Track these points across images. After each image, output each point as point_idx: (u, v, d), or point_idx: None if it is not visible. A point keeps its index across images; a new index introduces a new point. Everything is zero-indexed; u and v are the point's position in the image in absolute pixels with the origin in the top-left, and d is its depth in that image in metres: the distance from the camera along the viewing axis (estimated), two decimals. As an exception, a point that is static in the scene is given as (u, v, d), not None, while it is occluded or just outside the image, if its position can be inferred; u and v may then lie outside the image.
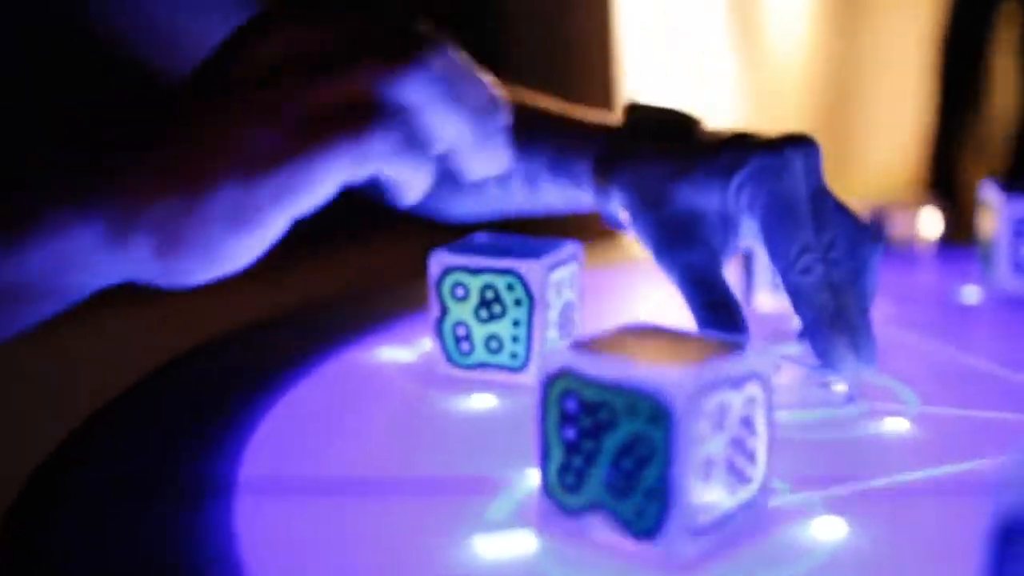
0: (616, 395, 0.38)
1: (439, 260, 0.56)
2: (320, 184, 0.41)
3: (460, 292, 0.56)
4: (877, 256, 0.55)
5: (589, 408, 0.38)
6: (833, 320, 0.51)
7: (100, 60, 0.64)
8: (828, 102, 2.29)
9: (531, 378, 0.55)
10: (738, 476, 0.39)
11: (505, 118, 0.47)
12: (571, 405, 0.39)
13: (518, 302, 0.56)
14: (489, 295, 0.56)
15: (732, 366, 0.38)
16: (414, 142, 0.43)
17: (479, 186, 0.65)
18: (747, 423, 0.39)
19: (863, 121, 2.33)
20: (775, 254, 0.52)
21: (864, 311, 0.53)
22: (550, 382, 0.39)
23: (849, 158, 2.34)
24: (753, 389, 0.39)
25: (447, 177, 0.66)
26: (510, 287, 0.55)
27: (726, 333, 0.52)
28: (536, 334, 0.56)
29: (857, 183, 2.32)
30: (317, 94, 0.41)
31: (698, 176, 0.54)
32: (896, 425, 0.51)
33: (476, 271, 0.56)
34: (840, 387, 0.53)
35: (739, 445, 0.39)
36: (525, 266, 0.55)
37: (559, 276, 0.57)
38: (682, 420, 0.36)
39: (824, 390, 0.53)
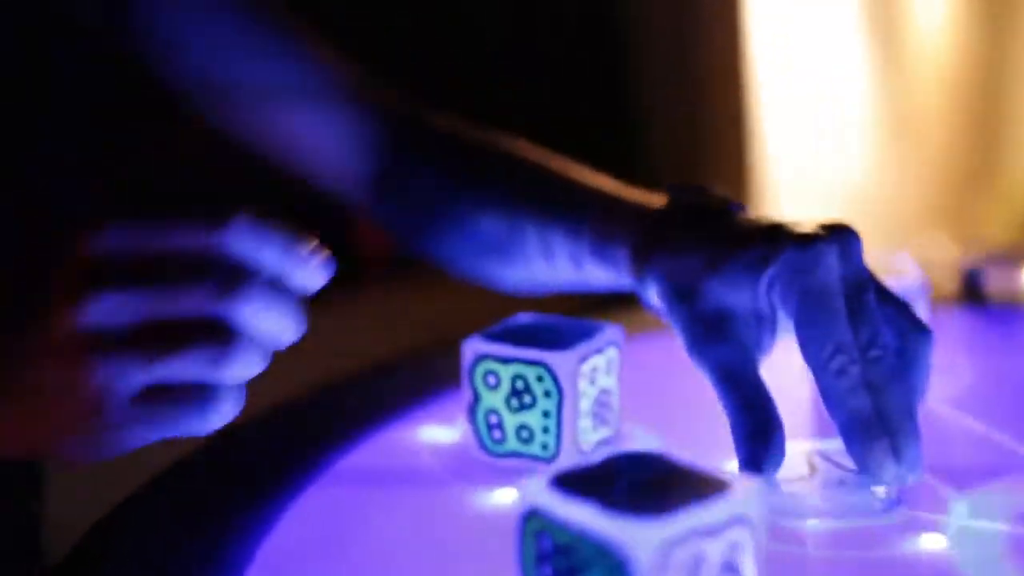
0: (584, 541, 0.36)
1: (472, 347, 0.56)
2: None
3: (492, 380, 0.56)
4: (927, 350, 0.52)
5: (562, 549, 0.37)
6: (869, 424, 0.49)
7: (101, 61, 0.65)
8: (972, 123, 2.18)
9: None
10: (720, 623, 0.38)
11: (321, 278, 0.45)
12: (546, 544, 0.38)
13: (547, 393, 0.55)
14: (519, 385, 0.55)
15: (710, 514, 0.37)
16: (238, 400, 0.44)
17: (528, 260, 0.64)
18: (730, 567, 0.38)
19: (1010, 143, 2.21)
20: (807, 354, 0.50)
21: (909, 412, 0.50)
22: (526, 519, 0.39)
23: (995, 180, 2.23)
24: (737, 534, 0.38)
25: (494, 248, 0.66)
26: (540, 378, 0.55)
27: (757, 433, 0.50)
28: (566, 425, 0.55)
29: (1004, 204, 2.20)
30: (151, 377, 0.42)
31: (728, 271, 0.52)
32: (932, 542, 0.48)
33: (507, 360, 0.55)
34: (879, 492, 0.50)
35: (721, 592, 0.38)
36: (554, 358, 0.54)
37: (593, 364, 0.56)
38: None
39: (861, 495, 0.50)
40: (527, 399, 0.55)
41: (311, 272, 0.44)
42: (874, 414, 0.49)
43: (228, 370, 0.43)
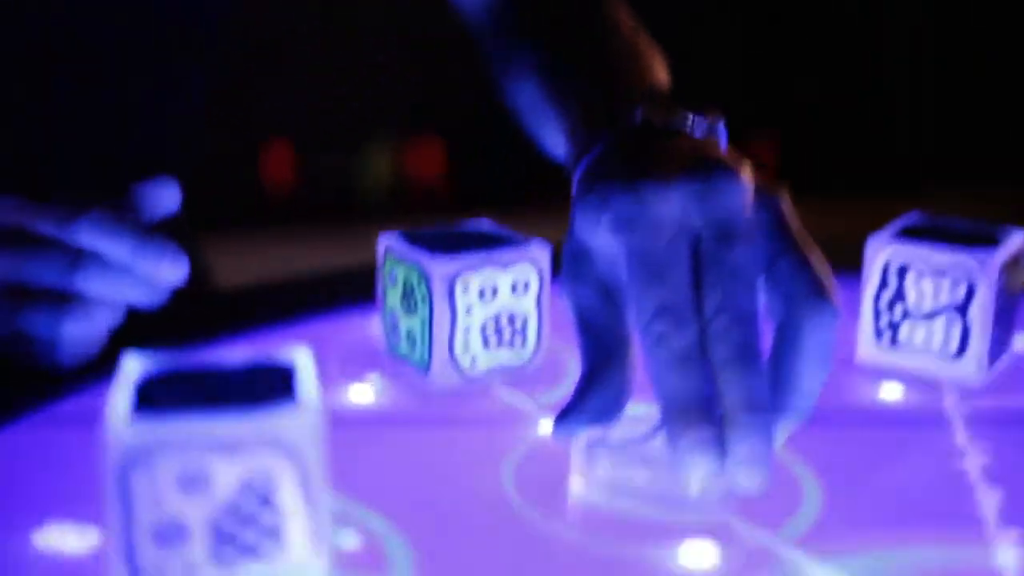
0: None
1: (384, 241, 0.53)
2: None
3: (392, 278, 0.52)
4: (821, 324, 0.41)
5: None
6: (686, 408, 0.39)
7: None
8: None
9: (437, 385, 0.50)
10: (243, 549, 0.34)
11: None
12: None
13: (424, 300, 0.50)
14: (408, 287, 0.51)
15: (222, 428, 0.32)
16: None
17: (553, 133, 0.61)
18: (261, 499, 0.33)
19: None
20: (633, 319, 0.41)
21: (752, 402, 0.39)
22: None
23: None
24: (267, 460, 0.33)
25: (533, 112, 0.65)
26: (419, 282, 0.50)
27: (603, 377, 0.42)
28: (436, 339, 0.50)
29: None
30: None
31: (580, 210, 0.44)
32: (694, 556, 0.38)
33: (400, 260, 0.52)
34: (694, 485, 0.41)
35: (246, 521, 0.33)
36: (430, 262, 0.50)
37: (490, 279, 0.50)
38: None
39: (670, 480, 0.41)
40: (412, 303, 0.51)
41: (161, 265, 0.51)
42: (699, 397, 0.40)
43: (66, 322, 0.51)
